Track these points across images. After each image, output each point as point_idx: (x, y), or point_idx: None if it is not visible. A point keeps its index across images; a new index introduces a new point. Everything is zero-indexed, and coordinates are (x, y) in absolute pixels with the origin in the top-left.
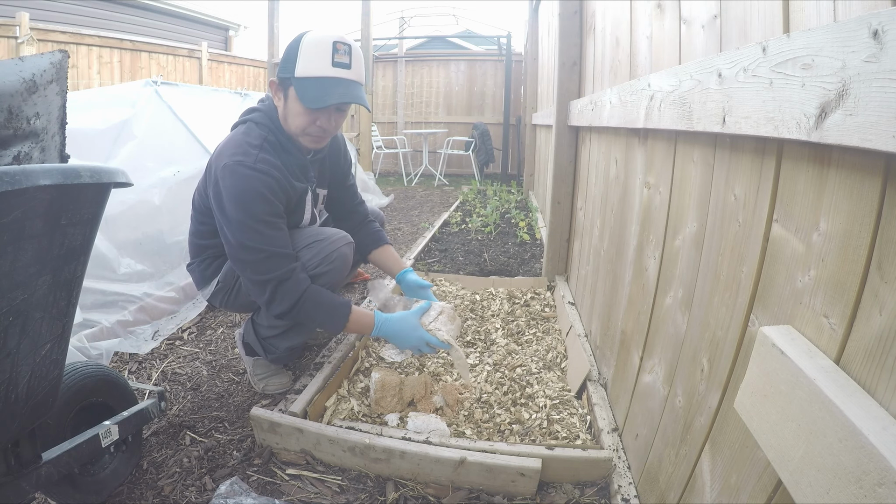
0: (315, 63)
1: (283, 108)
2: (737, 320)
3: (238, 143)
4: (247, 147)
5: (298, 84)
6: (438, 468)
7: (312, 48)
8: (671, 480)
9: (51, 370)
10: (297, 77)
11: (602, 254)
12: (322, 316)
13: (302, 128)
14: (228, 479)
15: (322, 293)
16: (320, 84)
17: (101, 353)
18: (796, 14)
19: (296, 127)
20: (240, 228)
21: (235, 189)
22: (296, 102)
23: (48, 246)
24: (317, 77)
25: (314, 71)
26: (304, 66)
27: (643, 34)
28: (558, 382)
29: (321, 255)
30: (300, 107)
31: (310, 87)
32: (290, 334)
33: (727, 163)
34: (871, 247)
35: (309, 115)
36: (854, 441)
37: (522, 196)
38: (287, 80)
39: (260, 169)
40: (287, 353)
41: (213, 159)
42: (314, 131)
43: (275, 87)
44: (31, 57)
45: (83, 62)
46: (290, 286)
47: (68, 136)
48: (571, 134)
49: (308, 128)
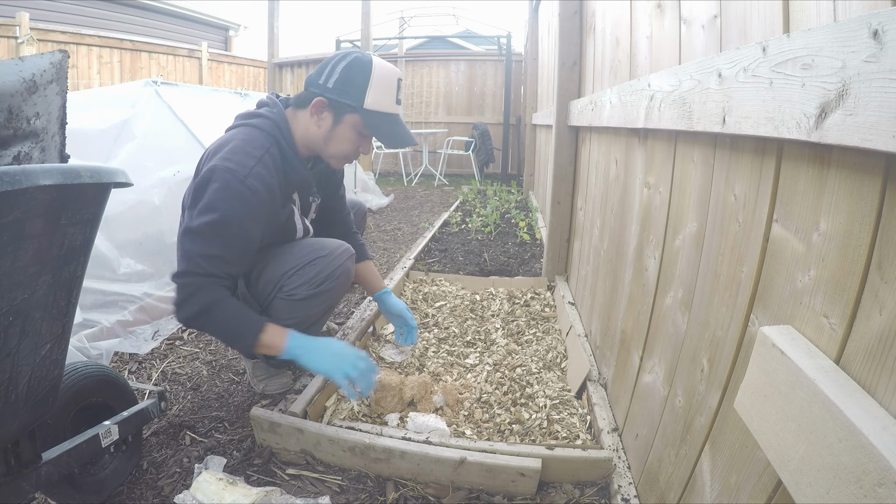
0: (386, 99)
1: (329, 130)
2: (737, 320)
3: (235, 149)
4: (244, 155)
5: (367, 116)
6: (438, 468)
7: (384, 83)
8: (671, 480)
9: (51, 370)
10: (366, 109)
11: (602, 254)
12: (231, 327)
13: (346, 152)
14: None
15: (234, 306)
16: (389, 121)
17: (101, 353)
18: (796, 14)
19: (339, 149)
20: (206, 226)
21: (217, 198)
22: (352, 130)
23: (48, 246)
24: (386, 114)
25: (384, 107)
26: (374, 99)
27: (643, 34)
28: (558, 382)
29: (325, 272)
30: (355, 134)
31: (382, 123)
32: None
33: (727, 163)
34: (871, 247)
35: (355, 143)
36: (854, 441)
37: (522, 196)
38: (349, 107)
39: (249, 186)
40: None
41: (205, 157)
42: (353, 156)
43: (321, 107)
44: (31, 57)
45: (83, 62)
46: (208, 292)
47: (68, 136)
48: (571, 134)
49: (352, 153)
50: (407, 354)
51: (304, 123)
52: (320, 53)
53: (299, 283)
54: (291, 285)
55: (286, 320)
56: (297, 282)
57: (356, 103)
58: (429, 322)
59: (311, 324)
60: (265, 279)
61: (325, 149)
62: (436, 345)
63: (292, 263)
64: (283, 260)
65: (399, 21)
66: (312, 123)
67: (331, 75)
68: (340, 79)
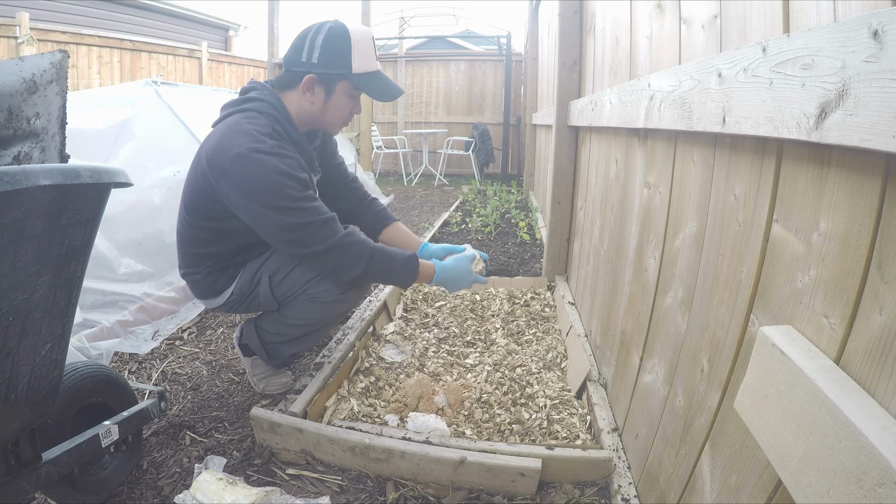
0: (368, 59)
1: (323, 103)
2: (737, 320)
3: (245, 132)
4: (256, 135)
5: (357, 80)
6: (438, 468)
7: (364, 45)
8: (671, 480)
9: (51, 370)
10: (355, 74)
11: (602, 254)
12: (396, 270)
13: (343, 118)
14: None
15: (387, 249)
16: (377, 79)
17: (101, 353)
18: (796, 14)
19: (336, 116)
20: (281, 213)
21: (261, 176)
22: (345, 96)
23: (48, 246)
24: (372, 72)
25: (369, 67)
26: (360, 63)
27: (643, 34)
28: (558, 382)
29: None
30: (347, 99)
31: (371, 82)
32: (298, 342)
33: (727, 163)
34: (871, 247)
35: (350, 108)
36: (854, 441)
37: (522, 196)
38: (339, 76)
39: (279, 153)
40: (290, 358)
41: (213, 153)
42: (349, 119)
43: (312, 83)
44: (31, 57)
45: (83, 62)
46: (357, 249)
47: (68, 136)
48: (571, 134)
49: (347, 117)
50: (407, 354)
51: (297, 102)
52: None
53: (327, 287)
54: (319, 288)
55: (303, 320)
56: (325, 286)
57: (345, 71)
58: (429, 322)
59: (322, 326)
60: (293, 279)
61: (322, 120)
62: (436, 345)
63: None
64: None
65: (399, 21)
66: (306, 101)
67: (312, 50)
68: (323, 52)
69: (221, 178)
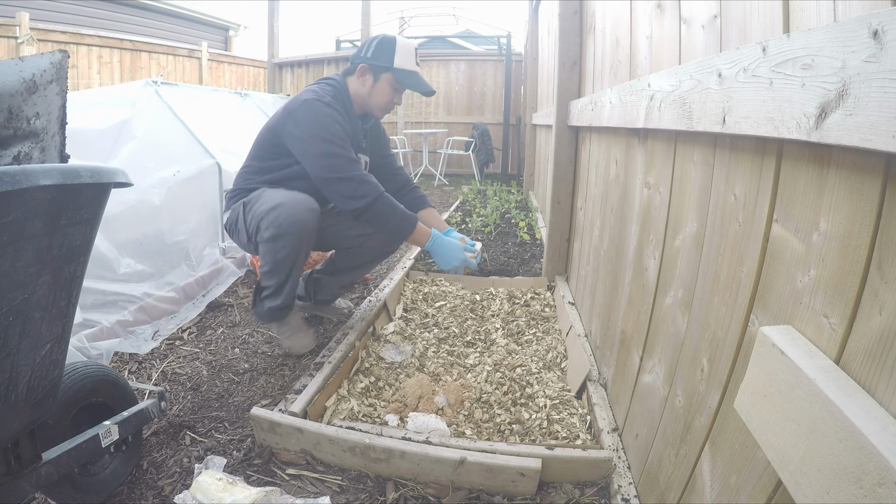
0: (408, 60)
1: (370, 87)
2: (737, 320)
3: (313, 91)
4: (322, 94)
5: (398, 73)
6: (438, 468)
7: (406, 50)
8: (671, 480)
9: (51, 370)
10: (396, 68)
11: (602, 254)
12: (395, 219)
13: (385, 103)
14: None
15: (393, 201)
16: (413, 76)
17: (101, 353)
18: (796, 14)
19: (379, 101)
20: (319, 141)
21: (315, 112)
22: (387, 84)
23: (48, 246)
24: (410, 70)
25: (408, 66)
26: (401, 61)
27: (643, 34)
28: (558, 382)
29: (277, 220)
30: (390, 88)
31: (408, 77)
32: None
33: (727, 163)
34: (871, 247)
35: (392, 95)
36: (854, 441)
37: (522, 196)
38: (383, 67)
39: (334, 106)
40: (269, 313)
41: (290, 103)
42: (390, 106)
43: (364, 71)
44: (31, 57)
45: (83, 62)
46: (370, 186)
47: (68, 136)
48: (571, 134)
49: (388, 104)
50: (407, 354)
51: (354, 85)
52: (320, 53)
53: (269, 223)
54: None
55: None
56: (268, 220)
57: (388, 64)
58: (429, 322)
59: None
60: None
61: (369, 101)
62: (436, 345)
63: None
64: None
65: (399, 21)
66: (359, 84)
67: (368, 49)
68: (375, 49)
69: (288, 118)
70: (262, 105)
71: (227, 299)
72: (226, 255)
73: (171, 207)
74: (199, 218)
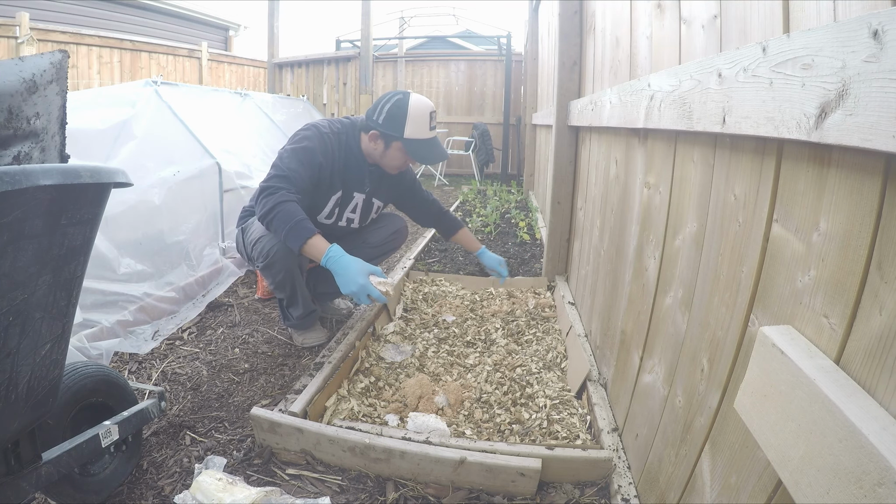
0: (420, 129)
1: (382, 151)
2: (737, 320)
3: (322, 120)
4: (325, 125)
5: (407, 143)
6: (438, 468)
7: (419, 116)
8: (671, 480)
9: (51, 370)
10: (406, 138)
11: (602, 254)
12: (290, 227)
13: (398, 165)
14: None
15: (296, 211)
16: (425, 145)
17: (101, 353)
18: (796, 14)
19: (392, 163)
20: (288, 143)
21: (300, 134)
22: (399, 153)
23: (48, 246)
24: (421, 140)
25: (419, 135)
26: (411, 130)
27: (643, 34)
28: (558, 382)
29: (264, 251)
30: (402, 155)
31: (417, 147)
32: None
33: (727, 163)
34: (871, 247)
35: (403, 160)
36: (854, 441)
37: (522, 196)
38: (393, 136)
39: (327, 136)
40: (299, 322)
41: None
42: (404, 167)
43: (376, 137)
44: (31, 57)
45: (83, 62)
46: (281, 194)
47: (68, 136)
48: (571, 134)
49: (402, 166)
50: (407, 354)
51: (367, 143)
52: (320, 53)
53: (258, 253)
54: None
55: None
56: (258, 250)
57: (398, 134)
58: (429, 322)
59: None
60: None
61: (381, 163)
62: (436, 345)
63: (257, 234)
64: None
65: (399, 21)
66: (371, 147)
67: (380, 113)
68: (386, 116)
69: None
70: (262, 105)
71: (227, 299)
72: (226, 255)
73: (171, 207)
74: (199, 218)
